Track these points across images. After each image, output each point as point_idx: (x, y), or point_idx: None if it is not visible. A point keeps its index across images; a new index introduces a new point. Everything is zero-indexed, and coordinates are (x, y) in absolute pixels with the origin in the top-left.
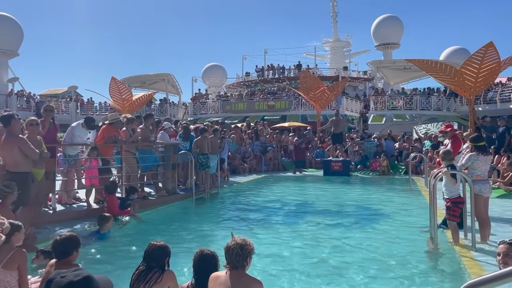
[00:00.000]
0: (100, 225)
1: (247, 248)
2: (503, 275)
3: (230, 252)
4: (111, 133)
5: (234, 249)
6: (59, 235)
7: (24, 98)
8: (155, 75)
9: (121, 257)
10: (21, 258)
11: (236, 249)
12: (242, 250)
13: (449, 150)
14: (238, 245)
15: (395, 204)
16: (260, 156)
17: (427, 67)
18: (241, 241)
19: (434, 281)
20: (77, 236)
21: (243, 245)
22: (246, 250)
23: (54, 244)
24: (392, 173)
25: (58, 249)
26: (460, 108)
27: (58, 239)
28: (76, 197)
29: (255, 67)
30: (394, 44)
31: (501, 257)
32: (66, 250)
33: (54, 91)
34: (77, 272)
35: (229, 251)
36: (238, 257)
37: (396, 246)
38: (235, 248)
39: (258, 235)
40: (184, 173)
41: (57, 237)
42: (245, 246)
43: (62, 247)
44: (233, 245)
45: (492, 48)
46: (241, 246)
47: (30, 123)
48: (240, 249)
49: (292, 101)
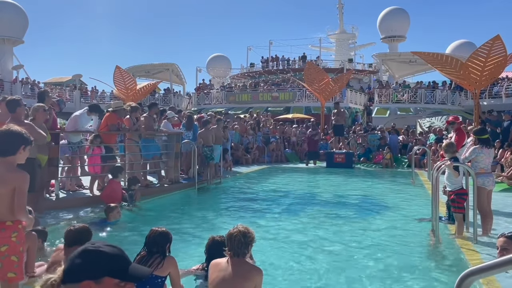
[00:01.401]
0: (107, 214)
1: (249, 236)
2: (499, 264)
3: (233, 239)
4: (114, 121)
5: (237, 236)
6: (72, 225)
7: (28, 86)
8: (160, 65)
9: (123, 243)
10: (31, 240)
11: (239, 236)
12: (244, 238)
13: (452, 142)
14: (241, 233)
15: (397, 197)
16: (263, 147)
17: (433, 60)
18: (244, 229)
19: (435, 272)
20: (89, 228)
21: (245, 233)
22: (249, 238)
23: (68, 233)
24: (395, 166)
25: (70, 238)
26: (464, 102)
27: (72, 229)
28: (79, 184)
29: (261, 58)
30: (400, 36)
31: (499, 250)
32: (78, 239)
33: (59, 79)
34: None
35: (231, 238)
36: (240, 244)
37: (397, 237)
38: (238, 235)
39: (259, 224)
40: (186, 163)
41: (71, 227)
42: (247, 234)
43: (74, 237)
44: (236, 233)
45: (499, 42)
46: (244, 234)
47: (37, 109)
48: (243, 236)
49: (296, 92)
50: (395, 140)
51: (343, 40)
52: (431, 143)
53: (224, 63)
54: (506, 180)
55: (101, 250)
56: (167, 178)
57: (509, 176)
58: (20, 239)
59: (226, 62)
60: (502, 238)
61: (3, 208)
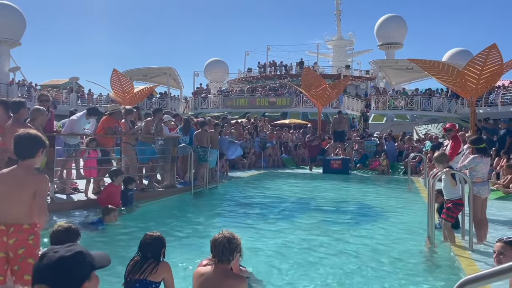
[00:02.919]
0: (104, 216)
1: (234, 242)
2: (497, 272)
3: (217, 245)
4: (111, 124)
5: (222, 241)
6: (57, 225)
7: (25, 88)
8: (157, 69)
9: (117, 247)
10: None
11: (223, 241)
12: (229, 244)
13: (443, 153)
14: (226, 238)
15: (393, 203)
16: (260, 152)
17: (429, 68)
18: (229, 235)
19: (430, 279)
20: (76, 227)
21: (230, 239)
22: (233, 244)
23: (53, 234)
24: (391, 172)
25: (56, 240)
26: (461, 110)
27: (59, 229)
28: (75, 187)
29: (258, 63)
30: (397, 44)
31: (496, 255)
32: (64, 241)
33: (56, 82)
34: (70, 248)
35: (216, 244)
36: (225, 250)
37: (393, 244)
38: (223, 241)
39: (255, 230)
40: (183, 167)
41: (55, 227)
42: (232, 240)
43: (61, 237)
44: (221, 238)
45: (495, 50)
46: (228, 239)
47: (37, 110)
48: (228, 242)
49: (294, 98)
50: (393, 147)
51: (341, 46)
52: (427, 150)
53: (222, 67)
54: (502, 188)
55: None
56: (163, 182)
57: (505, 184)
58: (36, 242)
59: (223, 67)
60: (500, 243)
61: (21, 212)
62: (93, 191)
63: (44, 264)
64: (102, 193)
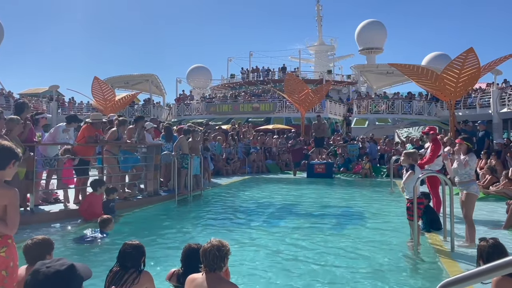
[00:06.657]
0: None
1: (223, 249)
2: (477, 274)
3: (208, 255)
4: (91, 133)
5: (212, 250)
6: (30, 239)
7: (3, 97)
8: (139, 76)
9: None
10: None
11: (213, 250)
12: (219, 252)
13: (414, 151)
14: (215, 247)
15: (376, 206)
16: (244, 158)
17: (409, 72)
18: (218, 243)
19: (412, 282)
20: (49, 238)
21: (220, 247)
22: (223, 251)
23: (26, 249)
24: (374, 175)
25: (30, 254)
26: (440, 113)
27: (29, 244)
28: (56, 198)
29: (241, 69)
30: (377, 48)
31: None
32: (38, 254)
33: (35, 90)
34: (62, 262)
35: (205, 254)
36: (216, 258)
37: (375, 248)
38: (212, 250)
39: (240, 236)
40: (166, 174)
41: (28, 241)
42: (221, 248)
43: (34, 252)
44: (210, 247)
45: (472, 54)
46: (218, 247)
47: (13, 121)
48: (218, 250)
49: (277, 103)
50: (374, 149)
51: (322, 51)
52: None
53: (205, 74)
54: (482, 189)
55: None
56: (146, 190)
57: (485, 185)
58: (9, 254)
59: (206, 73)
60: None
61: None
62: (75, 201)
63: (42, 279)
64: (83, 203)
